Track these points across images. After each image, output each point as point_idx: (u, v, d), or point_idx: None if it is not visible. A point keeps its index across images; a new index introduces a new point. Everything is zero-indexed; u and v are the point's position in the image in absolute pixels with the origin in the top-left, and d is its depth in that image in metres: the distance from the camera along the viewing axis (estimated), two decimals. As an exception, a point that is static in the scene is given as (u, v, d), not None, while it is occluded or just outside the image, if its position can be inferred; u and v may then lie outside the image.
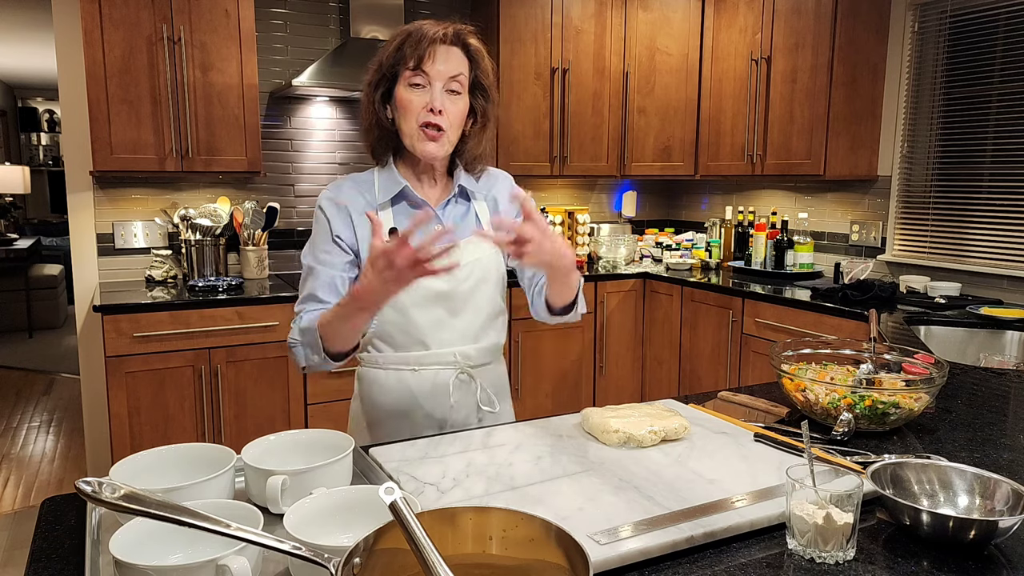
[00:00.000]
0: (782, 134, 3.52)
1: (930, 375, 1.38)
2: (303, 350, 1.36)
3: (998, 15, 3.03)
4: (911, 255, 3.40)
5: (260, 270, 3.48)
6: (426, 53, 1.35)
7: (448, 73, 1.37)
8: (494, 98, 1.47)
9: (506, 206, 1.56)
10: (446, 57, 1.37)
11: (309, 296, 1.41)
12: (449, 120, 1.38)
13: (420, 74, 1.36)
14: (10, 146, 9.03)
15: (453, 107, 1.39)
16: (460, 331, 1.47)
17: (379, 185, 1.46)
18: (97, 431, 3.40)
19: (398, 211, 1.46)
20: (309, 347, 1.35)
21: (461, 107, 1.41)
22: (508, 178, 1.60)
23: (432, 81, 1.36)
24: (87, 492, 0.73)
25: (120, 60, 2.96)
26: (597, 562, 0.88)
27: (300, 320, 1.38)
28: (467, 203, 1.52)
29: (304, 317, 1.38)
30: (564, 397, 3.83)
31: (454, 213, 1.50)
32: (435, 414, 1.48)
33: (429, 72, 1.36)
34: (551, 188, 4.38)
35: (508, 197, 1.56)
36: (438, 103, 1.36)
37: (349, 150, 3.80)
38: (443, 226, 1.46)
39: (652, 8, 4.00)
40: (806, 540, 0.92)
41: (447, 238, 1.16)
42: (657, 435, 1.27)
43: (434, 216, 1.46)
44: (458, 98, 1.40)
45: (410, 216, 1.46)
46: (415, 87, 1.37)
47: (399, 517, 0.68)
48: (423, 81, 1.36)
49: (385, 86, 1.41)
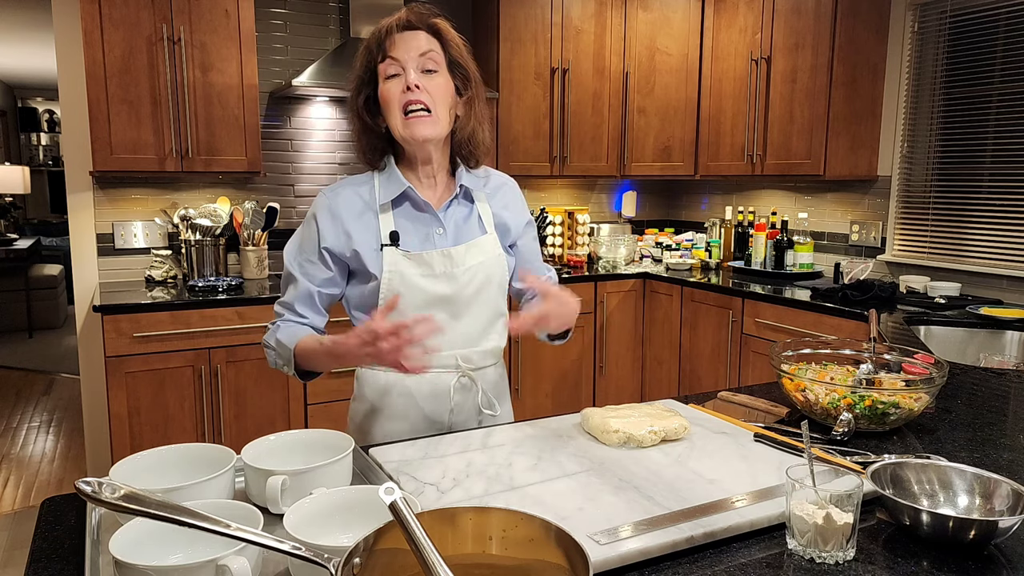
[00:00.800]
0: (782, 134, 3.52)
1: (930, 375, 1.38)
2: (275, 356, 1.42)
3: (998, 15, 3.03)
4: (911, 255, 3.40)
5: (260, 270, 3.48)
6: (387, 42, 1.35)
7: (417, 50, 1.35)
8: (473, 73, 1.44)
9: (517, 224, 1.53)
10: (410, 39, 1.36)
11: (287, 304, 1.44)
12: (431, 96, 1.36)
13: (391, 62, 1.35)
14: (10, 146, 9.03)
15: (432, 83, 1.36)
16: (462, 335, 1.46)
17: (379, 187, 1.44)
18: (97, 431, 3.40)
19: (399, 214, 1.44)
20: (282, 360, 1.41)
21: (441, 83, 1.38)
22: (515, 188, 1.58)
23: (404, 65, 1.35)
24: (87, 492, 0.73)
25: (120, 60, 2.96)
26: (597, 562, 0.88)
27: (278, 329, 1.42)
28: (470, 204, 1.49)
29: (282, 329, 1.41)
30: (564, 397, 3.83)
31: (456, 215, 1.47)
32: (435, 417, 1.48)
33: (398, 57, 1.35)
34: (551, 188, 4.38)
35: (515, 210, 1.54)
36: (412, 78, 1.34)
37: (349, 150, 3.80)
38: (444, 229, 1.44)
39: (652, 8, 4.00)
40: (806, 540, 0.92)
41: (429, 324, 1.20)
42: (657, 435, 1.27)
43: (433, 220, 1.45)
44: (436, 75, 1.37)
45: (412, 219, 1.44)
46: (391, 78, 1.36)
47: (399, 517, 0.68)
48: (396, 69, 1.35)
49: (367, 91, 1.41)
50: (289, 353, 1.38)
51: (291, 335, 1.39)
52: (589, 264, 4.12)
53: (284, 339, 1.39)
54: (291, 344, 1.38)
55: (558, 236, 4.10)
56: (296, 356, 1.37)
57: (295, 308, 1.43)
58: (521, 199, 1.59)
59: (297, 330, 1.41)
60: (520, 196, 1.59)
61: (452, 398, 1.47)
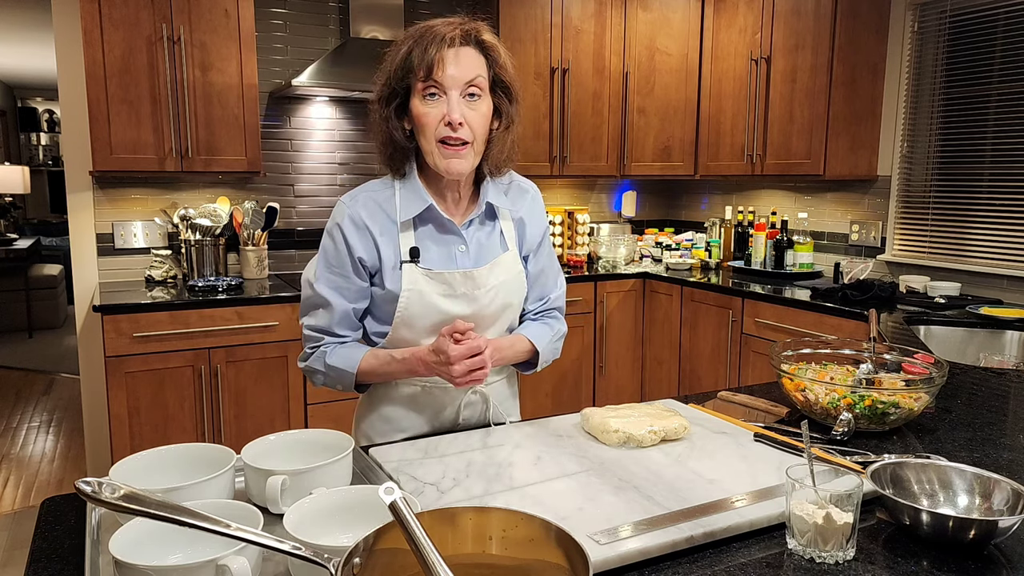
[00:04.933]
0: (782, 134, 3.52)
1: (930, 375, 1.38)
2: (323, 379, 1.40)
3: (998, 15, 3.03)
4: (911, 255, 3.40)
5: (260, 270, 3.48)
6: (435, 60, 1.24)
7: (463, 79, 1.26)
8: (517, 94, 1.35)
9: (533, 235, 1.48)
10: (458, 60, 1.25)
11: (323, 329, 1.38)
12: (472, 130, 1.27)
13: (433, 84, 1.25)
14: (10, 146, 9.03)
15: (474, 114, 1.27)
16: None
17: (401, 202, 1.35)
18: (97, 431, 3.40)
19: (421, 229, 1.36)
20: (336, 380, 1.39)
21: (484, 111, 1.29)
22: (537, 195, 1.50)
23: (447, 89, 1.25)
24: (87, 492, 0.73)
25: (120, 60, 2.96)
26: (597, 562, 0.88)
27: (325, 354, 1.38)
28: (493, 221, 1.42)
29: (331, 354, 1.38)
30: (564, 397, 3.83)
31: (479, 233, 1.40)
32: (443, 429, 1.46)
33: (442, 81, 1.25)
34: (551, 188, 4.38)
35: (537, 222, 1.49)
36: (456, 115, 1.25)
37: (349, 150, 3.80)
38: (466, 247, 1.38)
39: (652, 8, 4.00)
40: (806, 540, 0.92)
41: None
42: (657, 435, 1.27)
43: (456, 238, 1.39)
44: (479, 102, 1.28)
45: (434, 235, 1.37)
46: (430, 98, 1.26)
47: (399, 517, 0.68)
48: (437, 90, 1.25)
49: (398, 99, 1.30)
50: (350, 378, 1.37)
51: (346, 358, 1.37)
52: (589, 264, 4.12)
53: (339, 364, 1.37)
54: (350, 368, 1.37)
55: (558, 236, 4.10)
56: (358, 377, 1.38)
57: (334, 332, 1.38)
58: (542, 209, 1.51)
59: (349, 352, 1.37)
60: (541, 206, 1.51)
61: (462, 412, 1.46)
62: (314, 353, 1.40)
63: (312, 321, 1.39)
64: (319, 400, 3.17)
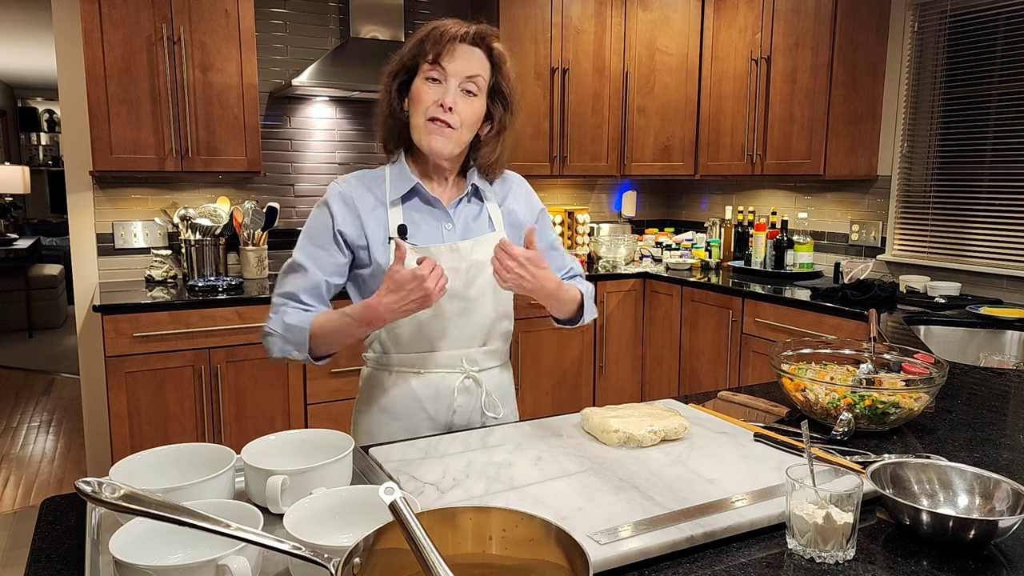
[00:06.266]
0: (782, 134, 3.52)
1: (930, 375, 1.38)
2: (281, 343, 1.37)
3: (998, 15, 3.03)
4: (911, 255, 3.40)
5: (260, 270, 3.48)
6: (445, 49, 1.34)
7: (465, 72, 1.35)
8: (515, 106, 1.44)
9: (525, 216, 1.55)
10: (465, 56, 1.36)
11: (290, 295, 1.40)
12: (460, 119, 1.36)
13: (437, 68, 1.35)
14: (10, 146, 9.03)
15: (467, 107, 1.36)
16: (468, 332, 1.46)
17: (390, 181, 1.44)
18: (97, 431, 3.40)
19: (409, 208, 1.44)
20: (292, 345, 1.36)
21: (476, 108, 1.38)
22: (523, 183, 1.59)
23: (448, 78, 1.35)
24: (87, 492, 0.73)
25: (120, 60, 2.96)
26: (597, 562, 0.88)
27: (285, 314, 1.38)
28: (480, 203, 1.50)
29: (291, 313, 1.37)
30: (564, 397, 3.83)
31: (466, 213, 1.48)
32: (438, 418, 1.48)
33: (446, 68, 1.34)
34: (551, 188, 4.38)
35: (525, 203, 1.56)
36: (449, 99, 1.34)
37: (349, 150, 3.80)
38: (453, 225, 1.45)
39: (652, 8, 4.00)
40: (806, 540, 0.92)
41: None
42: (657, 435, 1.27)
43: (443, 215, 1.45)
44: (473, 99, 1.37)
45: (422, 213, 1.44)
46: (431, 81, 1.35)
47: (399, 517, 0.68)
48: (439, 76, 1.35)
49: (404, 77, 1.40)
50: (303, 335, 1.35)
51: (303, 318, 1.36)
52: (589, 264, 4.12)
53: (295, 322, 1.36)
54: (305, 325, 1.35)
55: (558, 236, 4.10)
56: (311, 337, 1.35)
57: (300, 298, 1.40)
58: (528, 190, 1.60)
59: (307, 315, 1.37)
60: (528, 188, 1.60)
61: (455, 399, 1.47)
62: (273, 316, 1.40)
63: (281, 289, 1.42)
64: (319, 400, 3.17)
